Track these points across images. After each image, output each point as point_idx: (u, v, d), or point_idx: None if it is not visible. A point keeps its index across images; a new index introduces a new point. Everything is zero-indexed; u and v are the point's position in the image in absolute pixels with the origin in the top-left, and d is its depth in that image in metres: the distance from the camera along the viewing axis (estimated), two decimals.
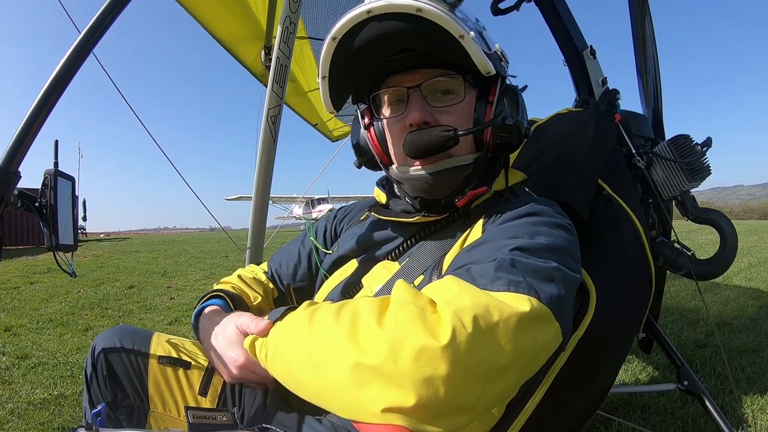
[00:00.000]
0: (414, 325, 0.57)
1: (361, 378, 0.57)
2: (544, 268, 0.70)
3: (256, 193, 2.00)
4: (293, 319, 0.74)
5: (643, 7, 1.76)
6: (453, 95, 0.92)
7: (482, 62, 0.85)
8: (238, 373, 0.85)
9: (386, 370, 0.56)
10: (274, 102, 1.89)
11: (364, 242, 1.07)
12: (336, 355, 0.61)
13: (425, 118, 0.89)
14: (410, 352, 0.55)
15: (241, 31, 2.73)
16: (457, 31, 0.80)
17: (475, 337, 0.56)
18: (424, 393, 0.54)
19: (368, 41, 0.85)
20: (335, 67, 0.90)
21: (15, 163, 0.83)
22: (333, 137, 4.66)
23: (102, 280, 6.88)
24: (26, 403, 2.25)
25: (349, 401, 0.60)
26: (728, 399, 2.13)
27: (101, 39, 0.89)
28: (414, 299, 0.62)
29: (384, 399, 0.56)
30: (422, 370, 0.54)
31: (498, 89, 0.95)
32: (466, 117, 0.93)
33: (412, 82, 0.91)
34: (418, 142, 0.87)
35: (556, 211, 0.88)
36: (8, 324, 3.91)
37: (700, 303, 4.05)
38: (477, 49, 0.83)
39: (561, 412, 1.09)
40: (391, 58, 0.90)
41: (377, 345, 0.57)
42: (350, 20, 0.83)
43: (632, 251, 1.31)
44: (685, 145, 1.52)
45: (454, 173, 0.91)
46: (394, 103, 0.95)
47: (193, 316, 1.03)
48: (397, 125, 0.93)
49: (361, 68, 0.92)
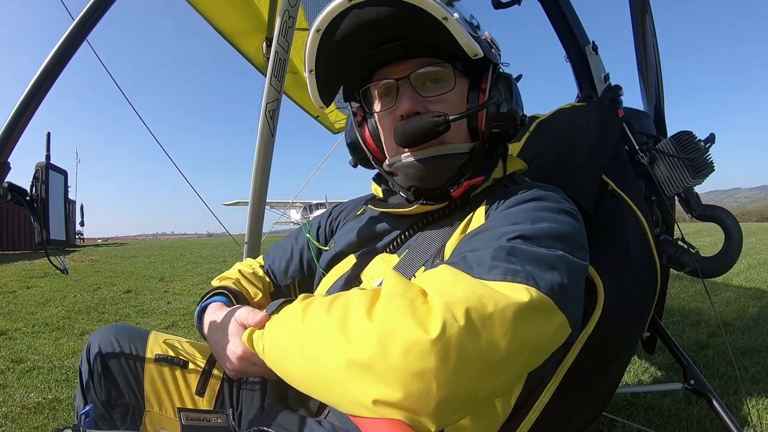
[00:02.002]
0: (403, 318, 0.55)
1: (352, 372, 0.56)
2: (545, 255, 0.67)
3: (254, 190, 1.98)
4: (288, 312, 0.73)
5: (644, 4, 1.74)
6: (443, 83, 0.90)
7: (468, 44, 0.82)
8: (238, 364, 0.83)
9: (376, 365, 0.54)
10: (272, 96, 1.88)
11: (361, 236, 1.06)
12: (327, 350, 0.60)
13: (416, 107, 0.87)
14: (400, 347, 0.53)
15: (243, 22, 2.70)
16: (440, 14, 0.78)
17: (468, 330, 0.54)
18: (415, 388, 0.52)
19: (352, 30, 0.83)
20: (322, 59, 0.89)
21: (4, 155, 0.81)
22: (334, 129, 4.63)
23: (99, 284, 6.84)
24: (20, 407, 2.21)
25: (342, 395, 0.58)
26: (732, 399, 2.10)
27: (94, 27, 0.86)
28: (404, 291, 0.60)
29: (375, 393, 0.54)
30: (412, 365, 0.52)
31: (490, 77, 0.93)
32: (458, 105, 0.91)
33: (400, 73, 0.89)
34: (408, 130, 0.86)
35: (562, 197, 0.86)
36: (4, 328, 3.87)
37: (701, 304, 4.04)
38: (462, 31, 0.81)
39: (570, 412, 1.06)
40: (379, 48, 0.89)
41: (366, 339, 0.56)
42: (332, 10, 0.81)
43: (638, 247, 1.29)
44: (688, 141, 1.50)
45: (446, 160, 0.90)
46: (385, 96, 0.94)
47: (197, 312, 1.02)
48: (389, 117, 0.92)
49: (348, 59, 0.91)
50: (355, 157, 1.06)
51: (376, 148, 1.00)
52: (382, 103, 0.94)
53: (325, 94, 0.96)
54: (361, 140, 1.02)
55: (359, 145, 1.03)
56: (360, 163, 1.07)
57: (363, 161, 1.06)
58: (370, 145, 1.01)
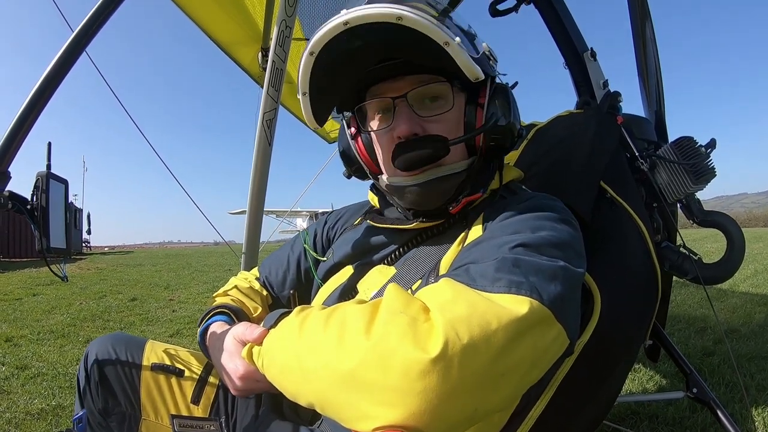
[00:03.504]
0: (404, 338, 0.54)
1: (351, 391, 0.55)
2: (548, 266, 0.66)
3: (252, 198, 1.99)
4: (285, 326, 0.72)
5: (644, 10, 1.75)
6: (441, 102, 0.88)
7: (470, 69, 0.79)
8: (241, 384, 0.82)
9: (376, 384, 0.53)
10: (269, 106, 1.88)
11: (359, 248, 1.04)
12: (325, 367, 0.59)
13: (414, 129, 0.85)
14: (400, 366, 0.52)
15: (238, 33, 2.72)
16: (442, 38, 0.75)
17: (470, 347, 0.53)
18: (416, 407, 0.51)
19: (348, 54, 0.81)
20: (315, 81, 0.86)
21: (4, 164, 0.82)
22: (330, 139, 4.66)
23: (104, 292, 6.87)
24: (24, 413, 2.22)
25: (341, 412, 0.58)
26: (738, 407, 2.08)
27: (94, 38, 0.88)
28: (405, 307, 0.59)
29: (375, 412, 0.53)
30: (413, 385, 0.51)
31: (488, 91, 0.91)
32: (456, 123, 0.89)
33: (397, 91, 0.87)
34: (407, 155, 0.84)
35: (559, 206, 0.85)
36: (9, 335, 3.88)
37: (706, 311, 4.00)
38: (464, 56, 0.78)
39: (566, 422, 1.05)
40: (374, 66, 0.87)
41: (365, 358, 0.55)
42: (327, 33, 0.78)
43: (637, 255, 1.28)
44: (688, 147, 1.50)
45: (444, 182, 0.87)
46: (381, 114, 0.91)
47: (199, 334, 0.99)
48: (386, 137, 0.89)
49: (343, 81, 0.89)
50: (348, 168, 1.04)
51: (370, 162, 0.99)
52: (378, 121, 0.92)
53: (319, 115, 0.93)
54: (356, 152, 1.00)
55: (353, 156, 1.01)
56: (354, 175, 1.05)
57: (357, 172, 1.04)
58: (364, 158, 0.99)
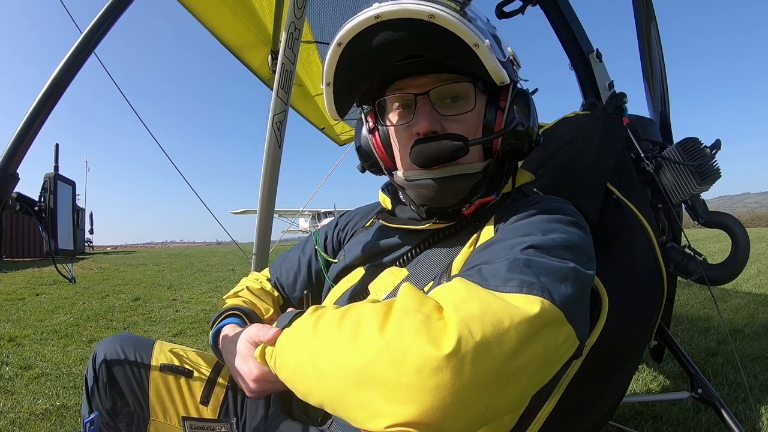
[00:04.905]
0: (418, 335, 0.54)
1: (364, 388, 0.56)
2: (559, 267, 0.66)
3: (262, 200, 1.98)
4: (299, 326, 0.72)
5: (648, 11, 1.74)
6: (462, 102, 0.88)
7: (497, 72, 0.80)
8: (255, 386, 0.82)
9: (390, 382, 0.54)
10: (279, 107, 1.88)
11: (370, 249, 1.04)
12: (339, 365, 0.59)
13: (433, 127, 0.85)
14: (413, 363, 0.53)
15: (248, 35, 2.73)
16: (472, 39, 0.75)
17: (483, 345, 0.54)
18: (429, 404, 0.52)
19: (376, 47, 0.81)
20: (340, 73, 0.86)
21: (13, 165, 0.82)
22: (340, 141, 4.67)
23: (107, 292, 6.89)
24: (28, 414, 2.22)
25: (354, 411, 0.58)
26: (742, 407, 2.08)
27: (103, 39, 0.88)
28: (419, 305, 0.59)
29: (387, 410, 0.54)
30: (426, 382, 0.52)
31: (510, 94, 0.91)
32: (475, 124, 0.89)
33: (420, 88, 0.87)
34: (426, 152, 0.84)
35: (570, 209, 0.85)
36: (12, 335, 3.90)
37: (710, 311, 3.99)
38: (492, 59, 0.78)
39: (575, 422, 1.05)
40: (400, 63, 0.86)
41: (380, 355, 0.55)
42: (357, 25, 0.78)
43: (643, 255, 1.28)
44: (693, 147, 1.50)
45: (460, 181, 0.88)
46: (401, 109, 0.91)
47: (211, 337, 0.99)
48: (405, 132, 0.90)
49: (368, 74, 0.88)
50: (364, 162, 1.05)
51: (386, 157, 0.99)
52: (398, 116, 0.91)
53: (340, 107, 0.94)
54: (372, 147, 1.00)
55: (369, 151, 1.01)
56: (369, 169, 1.05)
57: (372, 167, 1.04)
58: (380, 153, 0.99)
